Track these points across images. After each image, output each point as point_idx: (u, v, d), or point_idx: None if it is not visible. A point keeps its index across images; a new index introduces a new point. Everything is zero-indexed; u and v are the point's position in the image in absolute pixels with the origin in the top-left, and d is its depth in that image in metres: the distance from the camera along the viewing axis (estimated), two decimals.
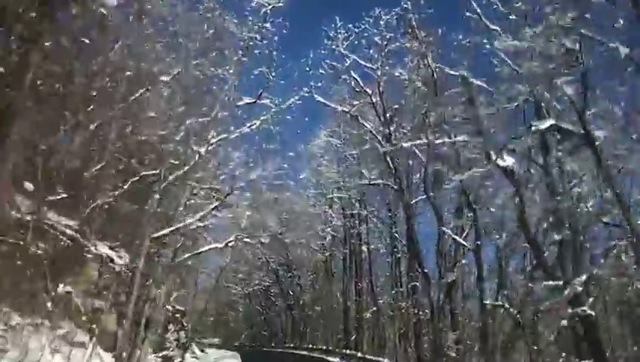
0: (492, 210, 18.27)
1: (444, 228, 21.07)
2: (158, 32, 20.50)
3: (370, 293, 35.48)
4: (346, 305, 38.93)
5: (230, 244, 24.38)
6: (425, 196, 25.43)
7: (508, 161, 12.95)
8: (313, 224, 42.66)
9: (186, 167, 19.48)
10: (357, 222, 34.70)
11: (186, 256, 23.38)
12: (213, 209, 20.74)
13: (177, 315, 31.09)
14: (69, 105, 22.32)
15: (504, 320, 18.82)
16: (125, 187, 21.34)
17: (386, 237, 31.80)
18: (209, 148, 19.45)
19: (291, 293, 48.57)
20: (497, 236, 18.05)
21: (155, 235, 19.26)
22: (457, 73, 15.81)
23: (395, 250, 30.79)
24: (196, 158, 19.43)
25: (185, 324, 31.76)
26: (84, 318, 21.68)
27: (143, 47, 19.75)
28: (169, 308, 30.95)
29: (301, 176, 40.96)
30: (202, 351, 33.10)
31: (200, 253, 23.64)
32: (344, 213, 36.19)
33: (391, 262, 32.39)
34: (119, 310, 23.34)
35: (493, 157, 12.79)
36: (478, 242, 19.17)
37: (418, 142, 17.67)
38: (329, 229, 41.80)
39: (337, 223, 40.23)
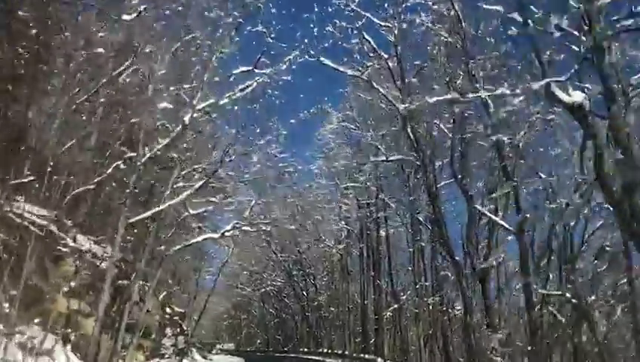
0: (541, 176, 14.82)
1: (477, 206, 17.57)
2: None
3: (390, 291, 32.08)
4: (363, 304, 35.53)
5: (228, 234, 21.19)
6: (451, 177, 22.17)
7: (576, 96, 9.49)
8: (327, 218, 39.40)
9: (167, 139, 16.35)
10: (374, 209, 31.29)
11: (177, 247, 20.24)
12: (200, 187, 17.51)
13: (176, 318, 28.01)
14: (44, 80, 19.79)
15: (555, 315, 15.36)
16: (108, 171, 18.36)
17: (406, 223, 28.28)
18: (194, 115, 16.25)
19: (305, 294, 45.23)
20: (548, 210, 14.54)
21: (133, 220, 16.11)
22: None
23: (418, 238, 27.34)
24: (179, 128, 16.28)
25: (185, 328, 28.65)
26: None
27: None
28: (167, 310, 27.97)
29: (312, 167, 37.78)
30: (205, 357, 29.93)
31: (191, 244, 20.49)
32: (359, 202, 32.79)
33: (413, 253, 28.89)
34: (103, 311, 20.42)
35: (557, 94, 9.36)
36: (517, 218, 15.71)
37: (446, 97, 14.30)
38: (343, 223, 38.44)
39: (352, 216, 36.89)
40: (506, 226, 16.45)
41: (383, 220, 31.11)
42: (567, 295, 12.83)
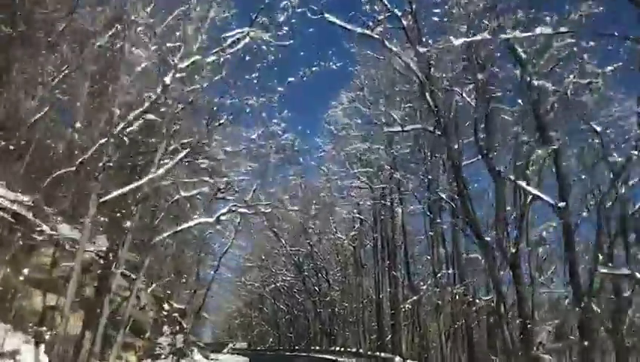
0: (597, 130, 12.21)
1: (511, 178, 14.94)
2: None
3: (406, 283, 29.51)
4: (378, 298, 32.99)
5: (224, 218, 18.84)
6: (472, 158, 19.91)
7: None
8: (338, 206, 36.92)
9: (146, 104, 13.99)
10: (388, 191, 28.85)
11: (166, 234, 17.91)
12: (182, 158, 15.14)
13: (175, 315, 25.70)
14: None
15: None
16: (92, 150, 16.09)
17: (425, 204, 25.64)
18: (177, 75, 13.87)
19: (317, 289, 42.80)
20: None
21: (105, 198, 13.78)
22: None
23: (438, 220, 24.76)
24: (158, 90, 13.93)
25: (185, 326, 26.34)
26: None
27: None
28: (165, 306, 25.70)
29: (321, 153, 35.25)
30: (207, 357, 27.60)
31: (182, 229, 18.13)
32: (372, 187, 30.17)
33: (431, 239, 26.30)
34: (86, 307, 18.26)
35: None
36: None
37: (475, 38, 11.71)
38: (355, 212, 35.96)
39: (365, 205, 34.38)
40: (546, 198, 13.83)
41: (398, 202, 28.52)
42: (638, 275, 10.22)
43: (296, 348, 47.43)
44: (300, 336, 50.64)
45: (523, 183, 14.57)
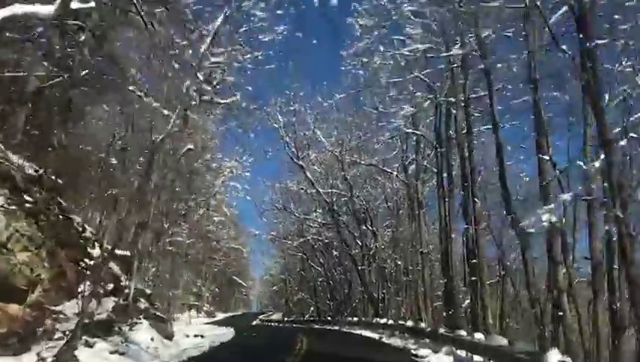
0: None
1: None
2: None
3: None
4: (446, 250, 21.87)
5: None
6: None
7: None
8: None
9: None
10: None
11: None
12: None
13: (110, 267, 15.79)
14: None
15: None
16: None
17: None
18: None
19: (359, 242, 31.95)
20: None
21: None
22: None
23: None
24: None
25: (126, 284, 16.34)
26: None
27: None
28: (94, 252, 15.83)
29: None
30: (169, 336, 17.16)
31: None
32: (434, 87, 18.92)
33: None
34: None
35: None
36: None
37: None
38: (409, 127, 24.81)
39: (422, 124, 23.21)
40: None
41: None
42: None
43: (329, 319, 36.94)
44: (340, 304, 40.01)
45: None
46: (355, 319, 29.22)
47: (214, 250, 55.38)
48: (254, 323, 47.74)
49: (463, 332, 14.38)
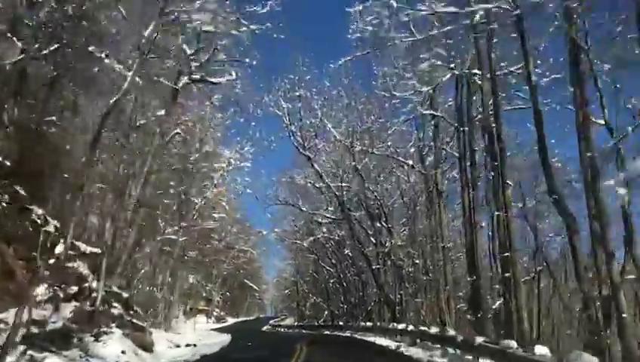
0: None
1: None
2: None
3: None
4: (471, 243, 19.12)
5: None
6: None
7: None
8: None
9: None
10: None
11: None
12: None
13: (76, 265, 13.38)
14: None
15: None
16: None
17: None
18: None
19: (373, 241, 29.25)
20: None
21: None
22: None
23: None
24: None
25: (94, 287, 13.84)
26: None
27: None
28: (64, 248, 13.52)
29: None
30: (148, 348, 14.53)
31: None
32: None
33: None
34: None
35: None
36: None
37: None
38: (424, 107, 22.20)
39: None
40: None
41: None
42: None
43: (342, 324, 34.07)
44: (354, 308, 37.19)
45: None
46: (370, 324, 26.37)
47: (219, 251, 52.94)
48: (264, 328, 45.14)
49: (513, 344, 11.12)
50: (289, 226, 40.48)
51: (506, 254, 15.52)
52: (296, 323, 51.74)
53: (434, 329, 17.34)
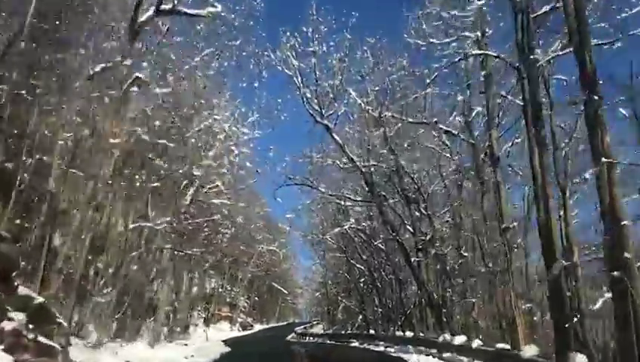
0: None
1: None
2: None
3: None
4: (547, 224, 13.73)
5: None
6: None
7: None
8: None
9: None
10: None
11: None
12: None
13: None
14: None
15: None
16: None
17: None
18: None
19: (411, 230, 23.96)
20: None
21: None
22: None
23: None
24: None
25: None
26: None
27: None
28: None
29: None
30: None
31: None
32: None
33: None
34: None
35: None
36: None
37: None
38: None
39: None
40: None
41: None
42: None
43: (373, 333, 28.42)
44: (390, 312, 31.77)
45: None
46: (410, 334, 20.61)
47: (243, 252, 48.47)
48: (289, 337, 40.19)
49: None
50: (308, 218, 35.28)
51: (616, 225, 10.13)
52: (323, 331, 46.61)
53: (533, 351, 11.60)
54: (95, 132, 13.59)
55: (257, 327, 58.94)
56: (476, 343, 13.60)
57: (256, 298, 67.01)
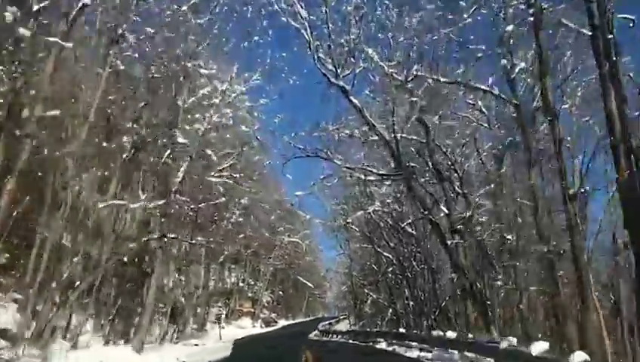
0: None
1: None
2: None
3: None
4: (633, 185, 10.25)
5: None
6: None
7: None
8: None
9: None
10: None
11: None
12: None
13: None
14: None
15: None
16: None
17: None
18: None
19: (444, 209, 20.52)
20: None
21: None
22: None
23: None
24: None
25: None
26: None
27: None
28: None
29: None
30: None
31: None
32: None
33: None
34: None
35: None
36: None
37: None
38: None
39: None
40: None
41: None
42: None
43: (404, 331, 24.28)
44: (423, 305, 28.27)
45: None
46: (452, 334, 15.84)
47: (263, 244, 45.68)
48: (312, 335, 37.03)
49: None
50: (326, 202, 31.77)
51: None
52: (349, 327, 43.40)
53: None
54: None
55: (281, 323, 56.15)
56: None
57: (281, 292, 64.20)
